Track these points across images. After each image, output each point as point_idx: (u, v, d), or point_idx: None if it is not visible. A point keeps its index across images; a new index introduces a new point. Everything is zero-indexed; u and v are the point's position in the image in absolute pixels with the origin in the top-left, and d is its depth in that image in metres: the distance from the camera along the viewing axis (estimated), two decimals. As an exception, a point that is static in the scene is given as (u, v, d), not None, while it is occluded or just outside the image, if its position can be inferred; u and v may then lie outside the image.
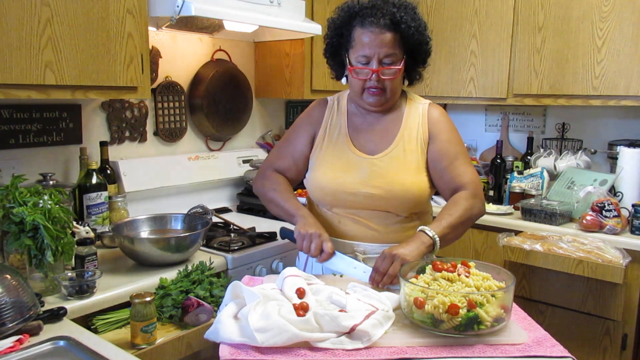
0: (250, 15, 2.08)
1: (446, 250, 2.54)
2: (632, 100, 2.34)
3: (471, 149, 3.18)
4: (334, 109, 1.66)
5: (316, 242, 1.45)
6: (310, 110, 1.71)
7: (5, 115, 1.89)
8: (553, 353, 1.09)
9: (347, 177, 1.55)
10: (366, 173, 1.54)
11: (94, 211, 1.97)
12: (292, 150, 1.68)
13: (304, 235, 1.47)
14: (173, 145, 2.50)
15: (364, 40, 1.48)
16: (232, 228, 2.19)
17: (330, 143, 1.62)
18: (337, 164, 1.58)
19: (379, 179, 1.53)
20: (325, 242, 1.45)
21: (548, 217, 2.31)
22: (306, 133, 1.66)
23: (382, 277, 1.35)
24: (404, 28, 1.47)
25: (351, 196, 1.54)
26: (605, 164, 2.68)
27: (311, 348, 1.10)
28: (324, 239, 1.46)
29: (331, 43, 1.60)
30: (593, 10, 2.38)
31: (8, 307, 1.20)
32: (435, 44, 2.87)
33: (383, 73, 1.50)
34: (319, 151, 1.63)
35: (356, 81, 1.54)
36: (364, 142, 1.59)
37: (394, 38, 1.48)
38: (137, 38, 1.85)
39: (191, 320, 1.51)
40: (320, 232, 1.47)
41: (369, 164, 1.55)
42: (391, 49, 1.48)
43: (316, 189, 1.60)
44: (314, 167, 1.62)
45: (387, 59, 1.49)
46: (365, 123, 1.62)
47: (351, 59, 1.54)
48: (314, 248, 1.45)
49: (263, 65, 2.79)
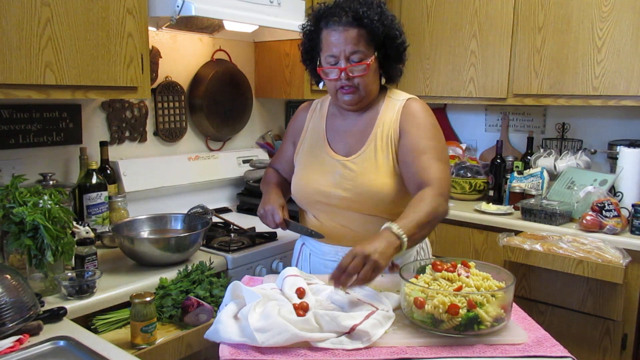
0: (250, 15, 2.08)
1: (446, 250, 2.56)
2: (632, 100, 2.34)
3: (471, 149, 3.18)
4: (316, 111, 1.68)
5: (269, 216, 1.58)
6: (295, 115, 1.75)
7: (5, 115, 1.89)
8: (553, 353, 1.09)
9: (321, 179, 1.55)
10: (339, 175, 1.53)
11: (94, 211, 1.97)
12: (283, 152, 1.77)
13: (262, 215, 1.61)
14: (173, 145, 2.50)
15: (330, 40, 1.48)
16: (232, 228, 2.19)
17: (310, 146, 1.63)
18: (313, 166, 1.59)
19: (349, 182, 1.52)
20: (274, 213, 1.56)
21: (548, 217, 2.31)
22: (291, 138, 1.72)
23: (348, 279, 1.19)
24: (367, 22, 1.45)
25: (325, 198, 1.54)
26: (605, 164, 2.68)
27: (311, 348, 1.10)
28: (274, 211, 1.56)
29: (305, 50, 1.60)
30: (593, 10, 2.38)
31: (8, 307, 1.20)
32: (435, 44, 2.91)
33: (352, 71, 1.47)
34: (300, 154, 1.66)
35: (328, 82, 1.53)
36: (340, 143, 1.59)
37: (358, 34, 1.46)
38: (137, 38, 1.85)
39: (191, 320, 1.51)
40: (272, 204, 1.58)
41: (342, 166, 1.54)
42: (356, 46, 1.46)
43: (295, 192, 1.63)
44: (295, 170, 1.66)
45: (354, 56, 1.47)
46: (344, 125, 1.61)
47: (322, 61, 1.53)
48: (269, 222, 1.59)
49: (263, 65, 2.79)
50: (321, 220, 1.59)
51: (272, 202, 1.61)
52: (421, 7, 2.91)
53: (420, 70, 2.93)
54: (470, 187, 2.72)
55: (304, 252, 1.68)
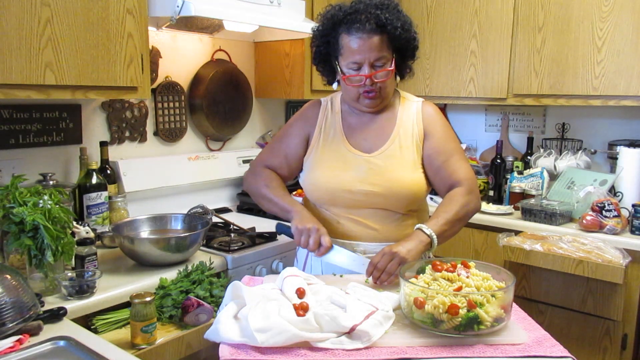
0: (250, 15, 2.08)
1: (446, 250, 2.56)
2: (632, 100, 2.34)
3: (471, 149, 3.18)
4: (328, 109, 1.67)
5: (314, 236, 1.45)
6: (304, 111, 1.71)
7: (5, 115, 1.89)
8: (553, 353, 1.09)
9: (345, 175, 1.55)
10: (364, 171, 1.54)
11: (94, 211, 1.97)
12: (285, 148, 1.68)
13: (302, 230, 1.47)
14: (173, 145, 2.50)
15: (353, 47, 1.48)
16: (232, 228, 2.19)
17: (327, 143, 1.62)
18: (334, 163, 1.58)
19: (377, 177, 1.53)
20: (323, 235, 1.46)
21: (548, 217, 2.31)
22: (300, 133, 1.66)
23: (379, 274, 1.36)
24: (391, 29, 1.47)
25: (349, 194, 1.54)
26: (605, 164, 2.68)
27: (311, 348, 1.10)
28: (321, 232, 1.47)
29: (319, 51, 1.59)
30: (593, 10, 2.38)
31: (8, 307, 1.20)
32: (435, 44, 2.91)
33: (376, 76, 1.50)
34: (315, 152, 1.63)
35: (351, 88, 1.54)
36: (360, 140, 1.59)
37: (381, 40, 1.48)
38: (137, 38, 1.85)
39: (191, 320, 1.51)
40: (318, 226, 1.47)
41: (366, 162, 1.56)
42: (381, 52, 1.48)
43: (314, 189, 1.60)
44: (311, 168, 1.62)
45: (378, 62, 1.49)
46: (360, 122, 1.62)
47: (342, 66, 1.53)
48: (312, 242, 1.45)
49: (263, 65, 2.79)
50: (337, 214, 1.58)
51: (313, 221, 1.49)
52: (421, 7, 2.91)
53: (420, 70, 2.92)
54: (470, 187, 2.72)
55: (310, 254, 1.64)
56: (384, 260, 1.36)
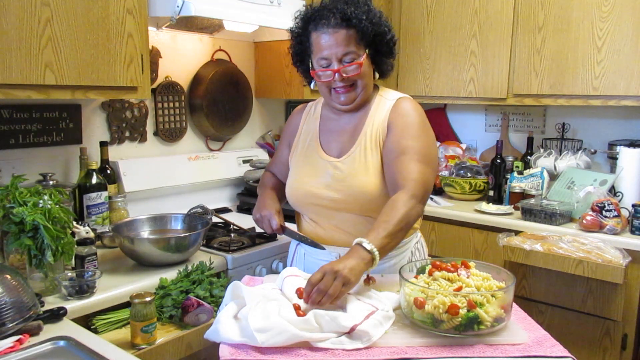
0: (250, 15, 2.08)
1: (446, 250, 2.56)
2: (632, 100, 2.34)
3: (471, 149, 3.18)
4: (310, 114, 1.68)
5: (265, 221, 1.58)
6: (290, 118, 1.76)
7: (5, 115, 1.89)
8: (553, 353, 1.09)
9: (313, 181, 1.55)
10: (330, 176, 1.53)
11: (94, 211, 1.97)
12: (279, 157, 1.76)
13: (257, 220, 1.61)
14: (173, 145, 2.50)
15: (321, 43, 1.48)
16: (232, 228, 2.19)
17: (303, 148, 1.63)
18: (306, 168, 1.59)
19: (340, 183, 1.51)
20: (271, 219, 1.55)
21: (548, 217, 2.31)
22: (286, 140, 1.73)
23: (321, 297, 1.20)
24: (356, 22, 1.45)
25: (318, 200, 1.54)
26: (605, 164, 2.68)
27: (311, 348, 1.10)
28: (270, 216, 1.56)
29: (295, 52, 1.60)
30: (593, 10, 2.38)
31: (8, 307, 1.20)
32: (435, 44, 2.91)
33: (345, 71, 1.47)
34: (293, 157, 1.66)
35: (321, 84, 1.53)
36: (332, 145, 1.59)
37: (347, 35, 1.45)
38: (137, 38, 1.85)
39: (191, 320, 1.51)
40: (269, 210, 1.57)
41: (333, 167, 1.54)
42: (347, 47, 1.46)
43: (289, 195, 1.63)
44: (290, 173, 1.65)
45: (346, 57, 1.47)
46: (337, 125, 1.60)
47: (314, 63, 1.53)
48: (266, 227, 1.58)
49: (263, 65, 2.79)
50: (316, 221, 1.59)
51: (268, 207, 1.61)
52: (421, 7, 2.91)
53: (420, 70, 2.93)
54: (470, 187, 2.72)
55: (298, 252, 1.69)
56: (327, 281, 1.20)
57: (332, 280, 1.20)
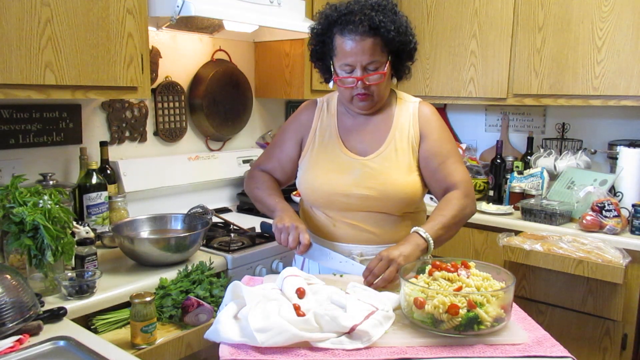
0: (250, 15, 2.08)
1: (446, 250, 2.56)
2: (632, 100, 2.34)
3: (471, 149, 3.18)
4: (324, 110, 1.66)
5: (293, 234, 1.45)
6: (299, 113, 1.70)
7: (5, 115, 1.89)
8: (553, 353, 1.09)
9: (340, 178, 1.54)
10: (359, 174, 1.53)
11: (94, 211, 1.97)
12: (278, 152, 1.69)
13: (281, 229, 1.47)
14: (173, 145, 2.50)
15: (345, 49, 1.46)
16: (232, 228, 2.19)
17: (322, 145, 1.61)
18: (329, 165, 1.57)
19: (372, 180, 1.52)
20: (301, 233, 1.45)
21: (548, 217, 2.31)
22: (294, 136, 1.66)
23: (375, 279, 1.33)
24: (384, 32, 1.44)
25: (344, 198, 1.53)
26: (605, 164, 2.68)
27: (311, 348, 1.10)
28: (300, 230, 1.46)
29: (315, 50, 1.58)
30: (593, 10, 2.38)
31: (8, 307, 1.20)
32: (435, 44, 2.91)
33: (368, 79, 1.47)
34: (310, 153, 1.62)
35: (343, 89, 1.53)
36: (355, 143, 1.58)
37: (374, 43, 1.44)
38: (137, 38, 1.85)
39: (191, 320, 1.51)
40: (297, 224, 1.47)
41: (361, 165, 1.54)
42: (373, 56, 1.45)
43: (309, 192, 1.59)
44: (306, 170, 1.61)
45: (370, 66, 1.46)
46: (356, 124, 1.60)
47: (336, 67, 1.52)
48: (291, 240, 1.45)
49: (263, 65, 2.79)
50: (333, 217, 1.58)
51: (292, 219, 1.49)
52: (421, 7, 2.91)
53: (420, 70, 2.93)
54: (470, 187, 2.72)
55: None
56: (381, 266, 1.34)
57: (386, 266, 1.33)
